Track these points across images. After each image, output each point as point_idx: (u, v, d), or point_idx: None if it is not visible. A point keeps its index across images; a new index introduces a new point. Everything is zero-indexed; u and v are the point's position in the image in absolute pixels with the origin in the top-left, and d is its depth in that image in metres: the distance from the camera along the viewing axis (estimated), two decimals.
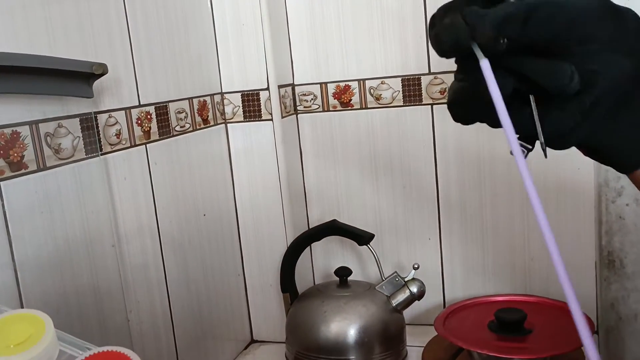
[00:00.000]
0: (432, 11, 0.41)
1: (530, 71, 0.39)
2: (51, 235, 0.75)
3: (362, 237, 1.11)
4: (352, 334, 1.03)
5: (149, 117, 0.95)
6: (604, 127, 0.41)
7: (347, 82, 1.23)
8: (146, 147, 0.95)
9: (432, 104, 1.19)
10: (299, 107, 1.27)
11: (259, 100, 1.17)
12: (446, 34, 0.39)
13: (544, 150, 0.41)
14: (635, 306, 1.12)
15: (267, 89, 1.16)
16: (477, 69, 0.38)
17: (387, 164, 1.24)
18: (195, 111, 1.09)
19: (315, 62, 1.24)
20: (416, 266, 1.09)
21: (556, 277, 0.37)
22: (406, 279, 1.08)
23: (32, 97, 0.73)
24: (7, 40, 0.70)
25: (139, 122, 0.93)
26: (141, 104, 0.94)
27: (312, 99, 1.26)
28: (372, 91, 1.22)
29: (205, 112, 1.12)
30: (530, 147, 0.42)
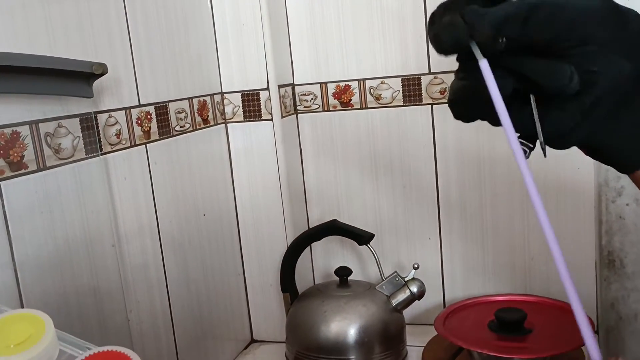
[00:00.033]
0: (432, 11, 0.41)
1: (529, 71, 0.39)
2: (51, 235, 0.75)
3: (362, 237, 1.11)
4: (352, 333, 1.03)
5: (149, 117, 0.95)
6: (604, 127, 0.41)
7: (347, 82, 1.23)
8: (146, 147, 0.95)
9: (432, 104, 1.19)
10: (299, 107, 1.27)
11: (259, 100, 1.17)
12: (445, 32, 0.39)
13: (543, 149, 0.41)
14: (635, 306, 1.12)
15: (267, 89, 1.16)
16: (477, 68, 0.39)
17: (387, 164, 1.24)
18: (195, 111, 1.09)
19: (315, 62, 1.24)
20: (416, 266, 1.09)
21: (556, 277, 0.37)
22: (406, 279, 1.08)
23: (32, 97, 0.73)
24: (7, 40, 0.70)
25: (139, 122, 0.93)
26: (141, 103, 0.94)
27: (312, 99, 1.26)
28: (372, 91, 1.22)
29: (205, 112, 1.12)
30: (531, 146, 0.42)
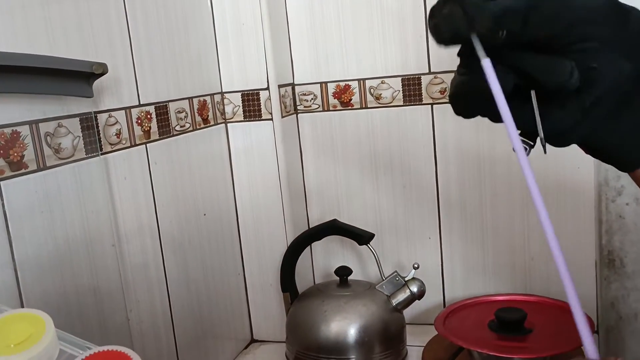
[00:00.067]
0: (433, 4, 0.41)
1: (530, 66, 0.39)
2: (51, 234, 0.75)
3: (362, 237, 1.11)
4: (352, 333, 1.03)
5: (149, 116, 0.95)
6: (604, 126, 0.41)
7: (347, 82, 1.23)
8: (146, 146, 0.95)
9: (432, 104, 1.19)
10: (299, 107, 1.27)
11: (259, 99, 1.17)
12: (445, 23, 0.38)
13: (543, 146, 0.41)
14: (635, 305, 1.12)
15: (267, 89, 1.16)
16: (478, 64, 0.38)
17: (387, 164, 1.24)
18: (195, 111, 1.09)
19: (315, 61, 1.24)
20: (416, 266, 1.09)
21: (557, 277, 0.37)
22: (406, 279, 1.08)
23: (32, 96, 0.73)
24: (7, 40, 0.70)
25: (139, 121, 0.93)
26: (141, 103, 0.94)
27: (312, 99, 1.26)
28: (372, 91, 1.22)
29: (205, 112, 1.12)
30: (531, 143, 0.42)
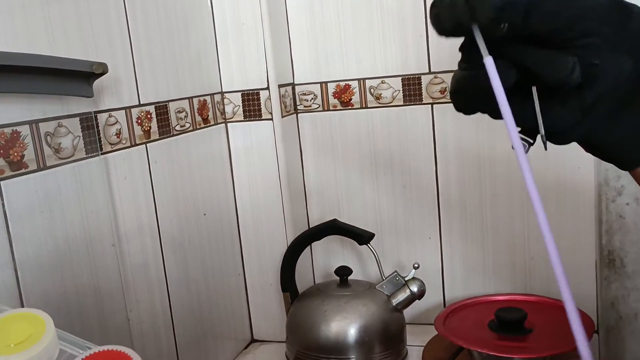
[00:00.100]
0: None
1: (531, 61, 0.38)
2: (51, 234, 0.75)
3: (362, 237, 1.11)
4: (352, 333, 1.03)
5: (149, 116, 0.95)
6: (604, 124, 0.40)
7: (347, 82, 1.23)
8: (146, 146, 0.95)
9: (432, 104, 1.19)
10: (299, 107, 1.27)
11: (259, 99, 1.17)
12: (446, 12, 0.38)
13: (544, 142, 0.41)
14: (635, 305, 1.12)
15: (267, 89, 1.16)
16: (480, 59, 0.38)
17: (387, 164, 1.24)
18: (195, 111, 1.09)
19: (315, 61, 1.24)
20: (416, 265, 1.09)
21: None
22: (406, 279, 1.08)
23: (32, 96, 0.73)
24: (7, 39, 0.70)
25: (139, 121, 0.93)
26: (141, 103, 0.94)
27: (312, 99, 1.26)
28: (372, 90, 1.22)
29: (205, 112, 1.12)
30: (531, 141, 0.41)
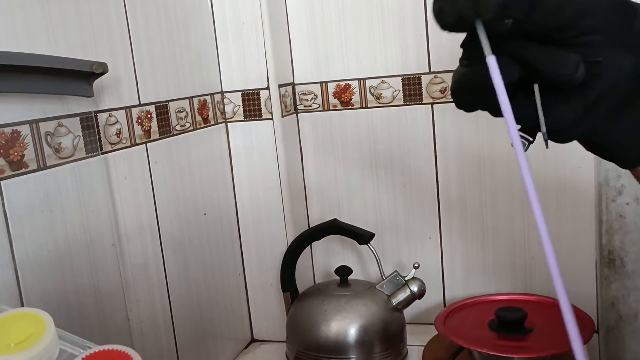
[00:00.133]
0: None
1: (534, 58, 0.38)
2: (51, 234, 0.75)
3: (363, 236, 1.11)
4: (352, 333, 1.03)
5: (149, 116, 0.95)
6: (606, 123, 0.40)
7: (347, 81, 1.23)
8: (146, 146, 0.95)
9: (432, 103, 1.19)
10: (299, 107, 1.27)
11: (259, 99, 1.17)
12: (449, 6, 0.37)
13: (545, 141, 0.41)
14: (635, 305, 1.12)
15: (267, 88, 1.16)
16: (481, 55, 0.38)
17: (388, 163, 1.24)
18: (195, 110, 1.09)
19: (315, 61, 1.24)
20: (416, 265, 1.09)
21: None
22: (406, 278, 1.08)
23: (33, 96, 0.73)
24: (7, 39, 0.70)
25: (139, 121, 0.93)
26: (141, 103, 0.94)
27: (312, 98, 1.26)
28: (372, 90, 1.22)
29: (205, 112, 1.12)
30: (531, 139, 0.41)
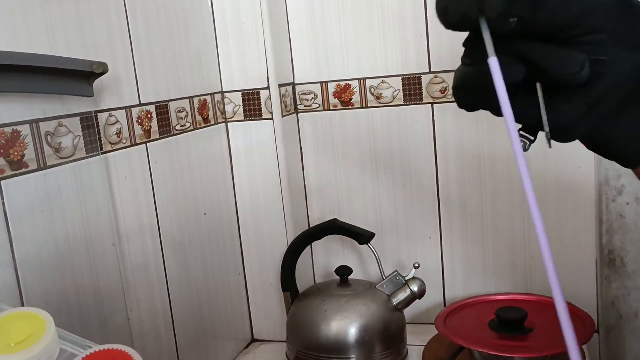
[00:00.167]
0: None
1: (540, 56, 0.38)
2: (51, 234, 0.75)
3: (363, 236, 1.11)
4: (352, 332, 1.03)
5: (149, 116, 0.95)
6: (609, 122, 0.40)
7: (347, 81, 1.23)
8: (146, 146, 0.95)
9: (432, 103, 1.19)
10: (299, 106, 1.27)
11: (259, 99, 1.17)
12: (454, 6, 0.37)
13: (548, 140, 0.40)
14: (635, 304, 1.12)
15: (268, 88, 1.16)
16: (484, 54, 0.37)
17: (388, 163, 1.24)
18: (195, 110, 1.09)
19: (315, 61, 1.24)
20: (417, 265, 1.09)
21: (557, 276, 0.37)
22: (407, 278, 1.08)
23: (33, 95, 0.73)
24: (7, 39, 0.70)
25: (140, 121, 0.93)
26: (141, 102, 0.94)
27: (312, 98, 1.26)
28: (372, 90, 1.22)
29: (205, 111, 1.12)
30: (532, 138, 0.41)
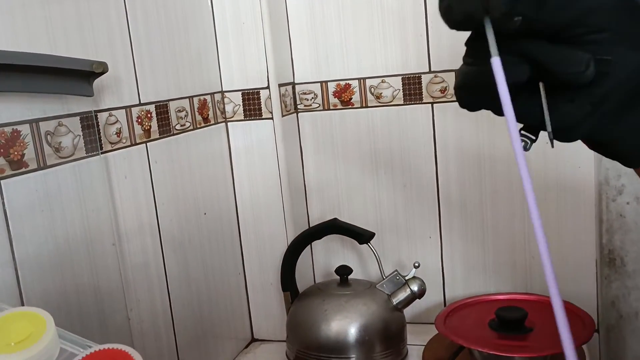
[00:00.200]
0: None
1: (544, 56, 0.38)
2: (51, 233, 0.75)
3: (363, 236, 1.11)
4: (352, 332, 1.03)
5: (149, 115, 0.95)
6: (611, 121, 0.40)
7: (347, 81, 1.23)
8: (146, 145, 0.95)
9: (432, 103, 1.19)
10: (299, 106, 1.27)
11: (259, 98, 1.17)
12: (458, 4, 0.37)
13: (551, 140, 0.40)
14: (635, 304, 1.12)
15: (268, 88, 1.16)
16: (486, 54, 0.37)
17: (388, 163, 1.24)
18: (195, 110, 1.09)
19: (315, 60, 1.24)
20: (417, 265, 1.09)
21: (557, 276, 0.37)
22: (407, 278, 1.08)
23: (33, 95, 0.73)
24: (7, 39, 0.70)
25: (140, 120, 0.93)
26: (141, 102, 0.94)
27: (312, 98, 1.26)
28: (372, 90, 1.22)
29: (205, 111, 1.12)
30: (533, 137, 0.41)
